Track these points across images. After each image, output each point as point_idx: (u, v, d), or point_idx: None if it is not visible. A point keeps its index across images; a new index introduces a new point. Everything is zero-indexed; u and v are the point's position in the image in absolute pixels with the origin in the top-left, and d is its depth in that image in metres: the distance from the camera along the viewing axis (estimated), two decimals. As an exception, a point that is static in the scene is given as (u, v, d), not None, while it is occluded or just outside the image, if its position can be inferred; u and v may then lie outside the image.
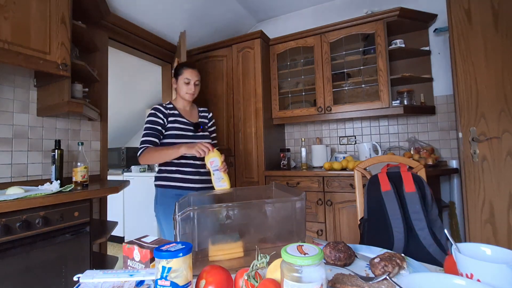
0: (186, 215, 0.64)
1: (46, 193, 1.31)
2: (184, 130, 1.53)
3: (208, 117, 1.71)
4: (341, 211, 2.15)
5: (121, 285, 0.52)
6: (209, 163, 1.32)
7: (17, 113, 1.65)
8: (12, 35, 1.31)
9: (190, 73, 1.55)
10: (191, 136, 1.54)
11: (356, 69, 2.51)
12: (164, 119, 1.50)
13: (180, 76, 1.57)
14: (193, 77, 1.56)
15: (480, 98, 1.75)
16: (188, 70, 1.56)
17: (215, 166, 1.31)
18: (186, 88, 1.55)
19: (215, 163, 1.31)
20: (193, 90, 1.56)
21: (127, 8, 2.22)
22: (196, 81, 1.57)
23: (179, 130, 1.51)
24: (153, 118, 1.49)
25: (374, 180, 1.15)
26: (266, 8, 2.99)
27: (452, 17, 1.84)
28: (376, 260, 0.64)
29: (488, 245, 0.55)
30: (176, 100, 1.64)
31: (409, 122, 2.51)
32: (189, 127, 1.56)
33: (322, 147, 2.63)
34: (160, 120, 1.49)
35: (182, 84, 1.56)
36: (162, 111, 1.52)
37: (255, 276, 0.53)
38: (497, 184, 1.69)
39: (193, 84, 1.56)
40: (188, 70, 1.56)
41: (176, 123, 1.52)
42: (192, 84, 1.55)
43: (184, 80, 1.54)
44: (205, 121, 1.68)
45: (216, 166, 1.31)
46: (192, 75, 1.55)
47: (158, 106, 1.54)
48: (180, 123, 1.54)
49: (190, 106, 1.65)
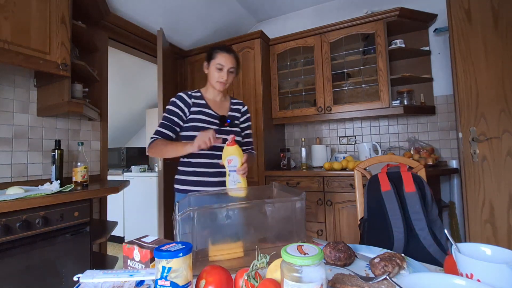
0: (186, 215, 0.64)
1: (46, 193, 1.31)
2: (208, 123, 1.31)
3: (242, 111, 1.47)
4: (341, 211, 2.15)
5: (121, 285, 0.52)
6: (227, 162, 1.10)
7: (17, 113, 1.65)
8: (12, 35, 1.31)
9: (224, 58, 1.31)
10: (217, 131, 1.30)
11: (356, 69, 2.51)
12: (185, 109, 1.31)
13: (212, 60, 1.33)
14: (228, 63, 1.31)
15: (480, 98, 1.75)
16: (223, 54, 1.31)
17: (233, 166, 1.09)
18: (217, 75, 1.31)
19: (233, 162, 1.08)
20: (226, 78, 1.31)
21: (127, 8, 2.22)
22: (231, 68, 1.32)
23: (201, 122, 1.30)
24: (171, 108, 1.31)
25: (374, 180, 1.15)
26: (266, 8, 2.99)
27: (452, 17, 1.84)
28: (376, 260, 0.64)
29: (488, 245, 0.55)
30: (206, 89, 1.42)
31: (409, 122, 2.51)
32: (214, 119, 1.33)
33: (322, 147, 2.63)
34: (178, 111, 1.30)
35: (213, 70, 1.32)
36: (184, 99, 1.32)
37: (255, 276, 0.53)
38: (497, 184, 1.69)
39: (227, 71, 1.31)
40: (222, 54, 1.31)
41: (200, 114, 1.32)
42: (225, 71, 1.31)
43: (217, 65, 1.31)
44: (236, 114, 1.43)
45: (235, 166, 1.09)
46: (226, 60, 1.31)
47: (182, 93, 1.34)
48: (205, 115, 1.32)
49: (221, 96, 1.42)
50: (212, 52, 1.35)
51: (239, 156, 1.09)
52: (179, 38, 2.82)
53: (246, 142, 1.47)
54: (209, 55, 1.36)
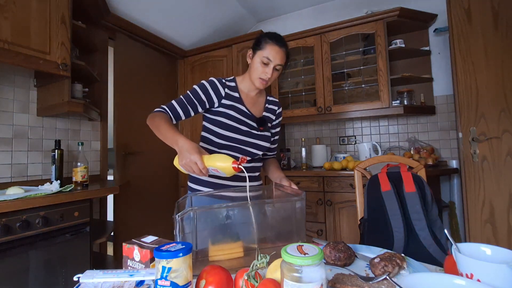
0: (186, 215, 0.64)
1: (46, 193, 1.31)
2: (240, 122, 1.11)
3: (277, 112, 1.29)
4: (341, 211, 2.15)
5: (121, 285, 0.52)
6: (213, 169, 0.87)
7: (17, 113, 1.65)
8: (12, 35, 1.31)
9: (274, 52, 1.08)
10: (246, 133, 1.12)
11: (356, 69, 2.51)
12: (213, 98, 1.11)
13: (259, 51, 1.10)
14: (277, 58, 1.08)
15: (480, 98, 1.75)
16: (273, 47, 1.08)
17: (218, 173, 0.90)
18: (261, 69, 1.09)
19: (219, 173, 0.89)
20: (270, 75, 1.10)
21: (127, 8, 2.22)
22: (278, 65, 1.10)
23: (231, 119, 1.10)
24: (197, 90, 1.10)
25: (374, 180, 1.15)
26: (266, 8, 2.99)
27: (452, 17, 1.84)
28: (376, 260, 0.64)
29: (488, 245, 0.55)
30: (242, 79, 1.20)
31: (409, 122, 2.51)
32: (247, 120, 1.14)
33: (322, 147, 2.63)
34: (204, 97, 1.10)
35: (257, 62, 1.10)
36: (217, 87, 1.12)
37: (255, 276, 0.53)
38: (497, 184, 1.69)
39: (273, 68, 1.09)
40: (272, 47, 1.08)
41: (231, 110, 1.12)
42: (271, 67, 1.09)
43: (263, 58, 1.08)
44: (270, 116, 1.25)
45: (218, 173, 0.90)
46: (276, 54, 1.08)
47: (215, 79, 1.14)
48: (237, 111, 1.13)
49: (258, 91, 1.22)
50: (261, 40, 1.11)
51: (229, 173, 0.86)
52: (179, 38, 2.82)
53: (273, 149, 1.33)
54: (257, 42, 1.13)
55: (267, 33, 1.14)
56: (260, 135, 1.15)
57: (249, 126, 1.13)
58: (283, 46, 1.10)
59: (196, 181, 1.15)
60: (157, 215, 2.55)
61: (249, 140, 1.13)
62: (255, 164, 1.18)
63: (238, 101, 1.15)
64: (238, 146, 1.11)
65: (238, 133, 1.11)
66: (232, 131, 1.10)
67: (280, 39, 1.12)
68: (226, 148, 1.10)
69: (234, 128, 1.10)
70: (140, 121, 2.50)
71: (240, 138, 1.11)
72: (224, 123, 1.10)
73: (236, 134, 1.10)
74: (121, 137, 2.24)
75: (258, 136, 1.15)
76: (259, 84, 1.12)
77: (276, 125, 1.31)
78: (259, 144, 1.15)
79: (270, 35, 1.12)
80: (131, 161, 2.34)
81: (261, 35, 1.15)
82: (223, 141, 1.10)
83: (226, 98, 1.13)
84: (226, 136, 1.09)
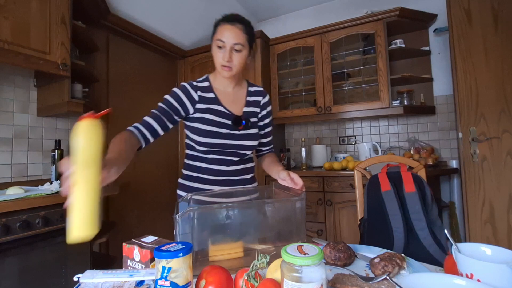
0: (186, 215, 0.64)
1: (46, 193, 1.31)
2: (219, 125, 1.01)
3: (262, 103, 1.14)
4: (341, 211, 2.15)
5: (121, 285, 0.52)
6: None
7: (17, 113, 1.65)
8: (12, 35, 1.31)
9: (225, 31, 0.95)
10: (228, 136, 1.01)
11: (356, 69, 2.51)
12: (187, 105, 1.01)
13: (213, 36, 1.00)
14: (230, 37, 0.94)
15: (480, 98, 1.75)
16: (224, 26, 0.96)
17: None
18: (219, 55, 0.97)
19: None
20: (228, 58, 0.96)
21: (127, 8, 2.22)
22: (236, 44, 0.95)
23: (209, 124, 1.00)
24: (170, 99, 1.00)
25: (374, 180, 1.15)
26: (266, 8, 2.99)
27: (452, 17, 1.84)
28: (376, 260, 0.64)
29: (488, 245, 0.55)
30: (215, 76, 1.09)
31: (409, 122, 2.51)
32: (227, 120, 1.02)
33: (322, 147, 2.63)
34: (178, 106, 0.99)
35: (214, 49, 0.99)
36: (189, 92, 1.02)
37: (255, 276, 0.53)
38: (497, 184, 1.69)
39: (230, 49, 0.95)
40: (223, 26, 0.96)
41: (207, 113, 1.01)
42: (227, 49, 0.95)
43: (216, 42, 0.96)
44: (254, 110, 1.11)
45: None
46: (228, 33, 0.94)
47: (186, 84, 1.04)
48: (215, 114, 1.02)
49: (234, 85, 1.09)
50: (215, 25, 1.01)
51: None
52: (179, 38, 2.82)
53: (267, 143, 1.20)
54: (213, 30, 1.02)
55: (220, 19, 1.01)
56: (244, 135, 1.04)
57: (230, 128, 1.02)
58: (234, 22, 0.96)
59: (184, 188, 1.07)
60: (157, 215, 2.55)
61: (233, 143, 1.02)
62: (245, 165, 1.10)
63: (214, 102, 1.04)
64: (223, 150, 1.02)
65: (218, 137, 1.00)
66: (213, 137, 0.99)
67: (231, 17, 0.98)
68: (211, 153, 1.03)
69: (214, 133, 1.00)
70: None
71: (223, 143, 1.01)
72: (203, 129, 1.00)
73: (217, 139, 1.00)
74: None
75: (242, 136, 1.04)
76: (223, 72, 0.99)
77: (265, 117, 1.15)
78: (245, 144, 1.05)
79: (221, 18, 1.00)
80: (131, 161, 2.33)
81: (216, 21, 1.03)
82: (205, 147, 1.01)
83: (200, 101, 1.02)
84: (207, 143, 1.00)
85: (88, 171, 0.51)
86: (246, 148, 1.06)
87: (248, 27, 1.00)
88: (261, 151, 1.23)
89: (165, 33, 2.65)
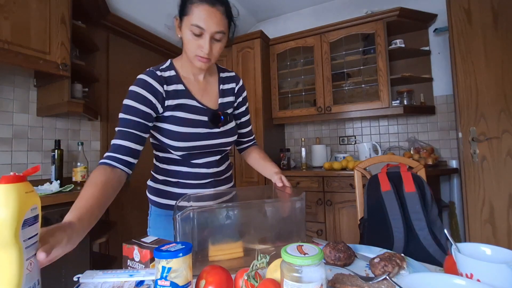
0: (186, 215, 0.64)
1: (46, 193, 1.31)
2: (195, 124, 0.85)
3: (236, 90, 0.98)
4: (341, 211, 2.15)
5: (121, 285, 0.52)
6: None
7: (17, 113, 1.65)
8: (12, 35, 1.31)
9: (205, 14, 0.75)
10: (207, 135, 0.87)
11: (356, 69, 2.51)
12: (156, 104, 0.81)
13: (185, 17, 0.78)
14: (210, 23, 0.75)
15: (480, 98, 1.75)
16: (203, 7, 0.75)
17: None
18: (195, 43, 0.78)
19: None
20: (208, 49, 0.78)
21: (127, 8, 2.22)
22: (217, 33, 0.78)
23: (183, 124, 0.84)
24: (132, 104, 0.78)
25: (374, 180, 1.15)
26: (266, 8, 2.99)
27: (452, 17, 1.84)
28: (376, 260, 0.64)
29: (488, 245, 0.55)
30: (181, 63, 0.89)
31: (409, 122, 2.51)
32: (203, 117, 0.87)
33: (322, 147, 2.63)
34: (146, 109, 0.79)
35: (188, 34, 0.78)
36: (154, 88, 0.81)
37: (255, 276, 0.53)
38: (497, 184, 1.69)
39: (209, 38, 0.77)
40: (201, 8, 0.75)
41: (179, 110, 0.84)
42: (207, 38, 0.77)
43: (192, 28, 0.76)
44: (229, 100, 0.96)
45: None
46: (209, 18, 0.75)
47: (147, 76, 0.81)
48: (188, 110, 0.85)
49: (205, 72, 0.92)
50: (185, 2, 0.78)
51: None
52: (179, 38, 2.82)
53: (246, 133, 1.05)
54: (181, 6, 0.80)
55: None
56: (224, 132, 0.90)
57: (208, 126, 0.87)
58: (215, 3, 0.75)
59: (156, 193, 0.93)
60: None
61: (213, 142, 0.89)
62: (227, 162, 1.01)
63: (185, 95, 0.85)
64: (201, 151, 0.89)
65: (196, 139, 0.85)
66: (189, 140, 0.84)
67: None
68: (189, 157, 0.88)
69: (190, 135, 0.84)
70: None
71: (201, 144, 0.86)
72: (176, 132, 0.82)
73: (194, 142, 0.85)
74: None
75: (223, 133, 0.90)
76: (199, 64, 0.82)
77: (240, 104, 1.00)
78: (226, 142, 0.92)
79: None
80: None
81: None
82: (182, 152, 0.86)
83: (168, 97, 0.83)
84: (183, 147, 0.84)
85: (5, 254, 0.37)
86: (227, 145, 0.94)
87: (228, 7, 0.81)
88: (242, 143, 1.08)
89: (165, 33, 2.65)
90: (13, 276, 0.37)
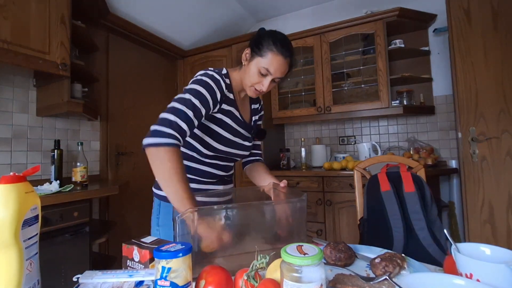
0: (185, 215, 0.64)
1: (46, 193, 1.31)
2: (235, 133, 0.94)
3: (259, 110, 1.10)
4: (340, 211, 2.15)
5: (121, 286, 0.52)
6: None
7: (16, 113, 1.65)
8: (12, 35, 1.31)
9: (277, 64, 0.85)
10: (239, 146, 0.96)
11: (355, 69, 2.51)
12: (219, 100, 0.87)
13: (258, 58, 0.86)
14: (278, 71, 0.86)
15: (479, 98, 1.75)
16: (277, 58, 0.85)
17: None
18: (257, 79, 0.88)
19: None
20: (266, 88, 0.89)
21: (126, 8, 2.22)
22: (277, 78, 0.89)
23: (228, 130, 0.91)
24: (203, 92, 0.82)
25: (374, 180, 1.15)
26: (266, 8, 2.99)
27: (452, 17, 1.84)
28: (377, 261, 0.64)
29: (487, 245, 0.55)
30: (233, 73, 0.95)
31: (408, 122, 2.51)
32: (241, 129, 0.96)
33: (321, 147, 2.63)
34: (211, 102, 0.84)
35: (254, 70, 0.87)
36: (220, 85, 0.87)
37: (255, 276, 0.53)
38: (496, 184, 1.69)
39: (271, 81, 0.88)
40: (276, 57, 0.84)
41: (228, 117, 0.91)
42: (269, 79, 0.87)
43: (261, 69, 0.86)
44: (256, 118, 1.07)
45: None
46: (279, 67, 0.86)
47: (216, 74, 0.88)
48: (233, 119, 0.93)
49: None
50: (262, 43, 0.86)
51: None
52: (179, 38, 2.82)
53: (256, 146, 1.12)
54: (257, 43, 0.87)
55: (271, 34, 0.87)
56: (250, 146, 1.01)
57: (243, 137, 0.96)
58: (288, 56, 0.86)
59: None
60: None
61: (241, 153, 0.98)
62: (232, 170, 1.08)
63: (233, 105, 0.93)
64: (226, 157, 0.97)
65: (232, 146, 0.93)
66: (228, 146, 0.92)
67: (287, 46, 0.86)
68: (214, 158, 0.94)
69: (229, 141, 0.91)
70: (139, 121, 2.48)
71: (235, 152, 0.95)
72: (222, 135, 0.90)
73: (230, 148, 0.93)
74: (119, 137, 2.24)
75: (249, 147, 1.01)
76: (251, 93, 0.92)
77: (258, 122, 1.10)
78: (246, 154, 1.04)
79: (274, 38, 0.85)
80: (131, 161, 2.34)
81: (264, 33, 0.88)
82: (213, 152, 0.92)
83: (224, 101, 0.89)
84: (218, 149, 0.90)
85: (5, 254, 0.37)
86: (243, 156, 1.05)
87: (293, 58, 0.91)
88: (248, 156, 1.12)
89: (165, 33, 2.65)
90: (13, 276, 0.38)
